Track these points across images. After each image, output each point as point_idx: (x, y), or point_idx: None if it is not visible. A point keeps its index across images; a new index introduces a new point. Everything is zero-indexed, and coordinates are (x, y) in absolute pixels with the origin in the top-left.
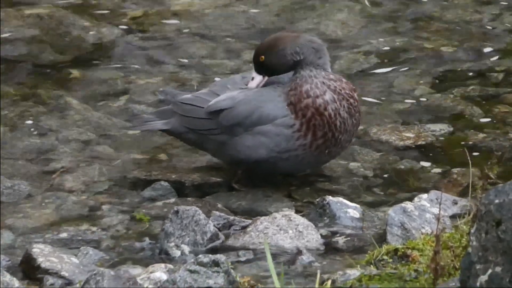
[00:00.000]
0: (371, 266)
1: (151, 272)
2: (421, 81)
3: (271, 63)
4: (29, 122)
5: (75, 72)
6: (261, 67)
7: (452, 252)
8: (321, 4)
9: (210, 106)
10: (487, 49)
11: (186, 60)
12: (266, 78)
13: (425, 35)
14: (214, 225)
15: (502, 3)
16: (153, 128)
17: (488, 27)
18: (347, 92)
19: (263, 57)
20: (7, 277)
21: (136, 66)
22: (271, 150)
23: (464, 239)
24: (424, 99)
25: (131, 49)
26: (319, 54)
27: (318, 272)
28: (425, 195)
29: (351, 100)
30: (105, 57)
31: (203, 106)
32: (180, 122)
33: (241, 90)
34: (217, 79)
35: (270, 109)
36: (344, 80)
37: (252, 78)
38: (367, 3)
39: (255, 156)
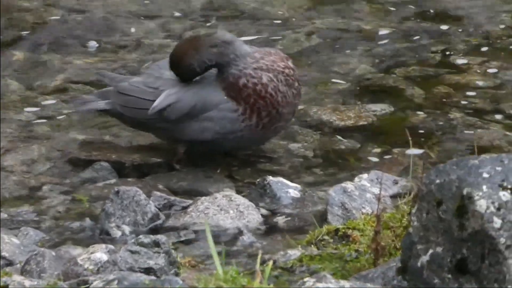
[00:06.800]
0: (312, 246)
1: (91, 253)
2: (362, 61)
3: (185, 76)
4: None
5: (17, 54)
6: (180, 78)
7: (393, 232)
8: None
9: (155, 107)
10: (424, 30)
11: (125, 40)
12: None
13: (364, 15)
14: (155, 206)
15: None
16: (95, 108)
17: (430, 7)
18: (279, 64)
19: (176, 71)
20: None
21: (73, 46)
22: (217, 132)
23: (405, 219)
24: (365, 79)
25: (69, 29)
26: (228, 51)
27: (260, 252)
28: (365, 175)
29: (287, 71)
30: (43, 37)
31: (142, 97)
32: (121, 111)
33: (179, 85)
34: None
35: (212, 96)
36: (272, 51)
37: None
38: None
39: (200, 138)
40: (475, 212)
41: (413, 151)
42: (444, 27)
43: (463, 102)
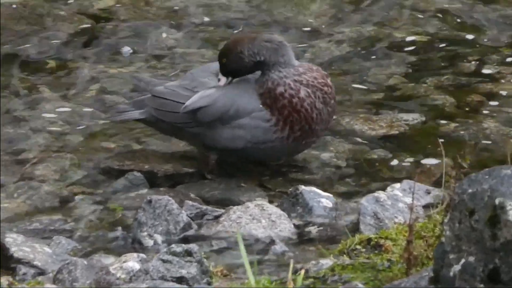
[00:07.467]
0: (344, 255)
1: (124, 262)
2: (395, 71)
3: (232, 65)
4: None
5: (51, 62)
6: (225, 69)
7: (425, 242)
8: None
9: (187, 106)
10: (460, 38)
11: (156, 48)
12: (231, 79)
13: (398, 24)
14: (187, 215)
15: None
16: (130, 118)
17: (462, 17)
18: (320, 81)
19: (224, 59)
20: None
21: (105, 54)
22: (248, 141)
23: (437, 228)
24: (397, 89)
25: (104, 39)
26: (280, 52)
27: (291, 261)
28: (397, 185)
29: (325, 88)
30: (78, 47)
31: (177, 101)
32: (156, 114)
33: (215, 87)
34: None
35: (246, 103)
36: (314, 67)
37: (219, 79)
38: None
39: (231, 146)
40: (507, 222)
41: (445, 160)
42: (474, 36)
43: (495, 111)
